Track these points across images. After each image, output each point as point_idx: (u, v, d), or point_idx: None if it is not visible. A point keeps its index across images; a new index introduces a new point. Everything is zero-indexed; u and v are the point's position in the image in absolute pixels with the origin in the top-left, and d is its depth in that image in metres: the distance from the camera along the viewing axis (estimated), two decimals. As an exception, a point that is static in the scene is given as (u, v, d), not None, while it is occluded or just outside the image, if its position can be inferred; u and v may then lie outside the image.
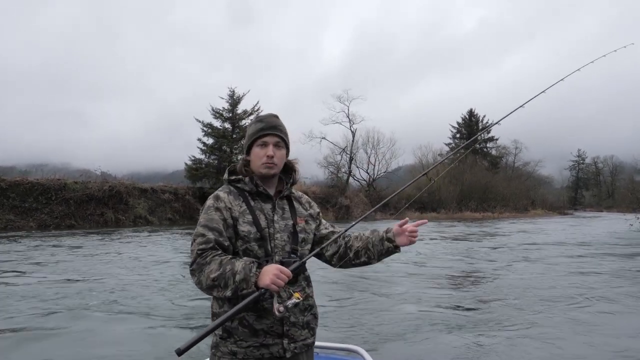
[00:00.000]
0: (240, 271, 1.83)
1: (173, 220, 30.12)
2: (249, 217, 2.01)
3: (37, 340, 5.69)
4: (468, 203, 46.66)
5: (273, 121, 2.14)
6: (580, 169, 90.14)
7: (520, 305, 7.47)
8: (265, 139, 2.09)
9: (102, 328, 6.15)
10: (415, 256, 13.88)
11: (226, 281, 1.84)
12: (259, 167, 2.08)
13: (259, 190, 2.08)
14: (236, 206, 2.03)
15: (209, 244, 1.93)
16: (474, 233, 24.29)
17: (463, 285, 9.49)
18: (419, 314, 6.99)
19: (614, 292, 8.60)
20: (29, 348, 5.41)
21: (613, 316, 6.90)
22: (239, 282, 1.82)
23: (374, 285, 9.42)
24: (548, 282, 9.52)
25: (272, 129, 2.10)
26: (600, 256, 14.14)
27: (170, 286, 8.98)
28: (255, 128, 2.13)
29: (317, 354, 2.88)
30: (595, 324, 6.46)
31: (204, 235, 1.95)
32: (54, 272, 10.53)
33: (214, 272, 1.85)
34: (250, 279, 1.82)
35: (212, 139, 36.51)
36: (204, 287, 1.90)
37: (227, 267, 1.85)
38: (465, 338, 5.76)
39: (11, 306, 7.27)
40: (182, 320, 6.61)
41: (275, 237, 2.02)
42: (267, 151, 2.07)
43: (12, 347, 5.42)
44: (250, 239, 1.98)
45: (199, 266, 1.91)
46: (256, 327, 1.93)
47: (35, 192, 26.18)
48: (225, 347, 1.96)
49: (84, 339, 5.69)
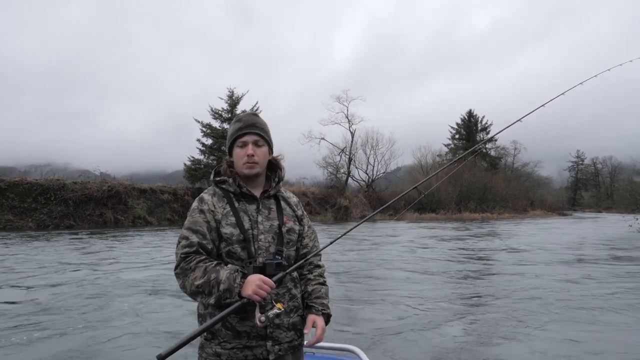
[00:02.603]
0: (225, 281, 1.84)
1: (172, 220, 30.10)
2: (232, 219, 2.00)
3: (33, 341, 5.69)
4: (467, 204, 46.66)
5: (251, 119, 2.12)
6: (579, 170, 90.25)
7: (519, 307, 7.48)
8: (244, 139, 2.08)
9: (98, 328, 6.15)
10: (414, 256, 13.88)
11: (210, 289, 1.85)
12: (241, 168, 2.08)
13: (243, 191, 2.07)
14: (219, 208, 2.02)
15: (193, 248, 1.93)
16: (473, 234, 24.29)
17: (461, 285, 9.50)
18: (417, 313, 6.99)
19: (612, 294, 8.61)
20: (26, 349, 5.42)
21: (614, 317, 6.91)
22: (223, 291, 1.83)
23: (370, 284, 9.42)
24: (548, 284, 9.52)
25: (250, 127, 2.09)
26: (599, 257, 14.14)
27: (164, 286, 8.98)
28: (233, 128, 2.12)
29: (313, 353, 2.89)
30: (594, 324, 6.47)
31: (188, 238, 1.96)
32: (52, 271, 10.52)
33: (198, 279, 1.86)
34: (234, 290, 1.83)
35: (211, 140, 36.55)
36: (188, 292, 1.92)
37: (212, 275, 1.85)
38: (463, 338, 5.77)
39: (10, 305, 7.27)
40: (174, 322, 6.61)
41: (259, 239, 2.00)
42: (247, 150, 2.06)
43: (15, 346, 5.43)
44: (233, 241, 1.97)
45: (183, 271, 1.91)
46: (239, 329, 1.94)
47: (34, 192, 26.16)
48: (210, 349, 1.97)
49: (78, 339, 5.70)
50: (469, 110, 64.69)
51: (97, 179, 29.32)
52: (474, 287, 9.31)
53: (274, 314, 1.85)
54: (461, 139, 64.21)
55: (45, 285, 8.98)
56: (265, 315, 1.84)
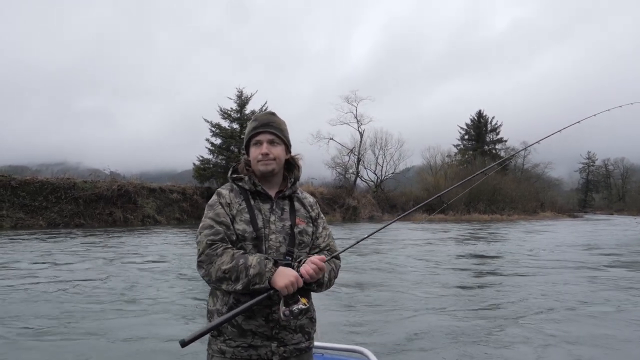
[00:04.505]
0: (255, 265, 1.83)
1: (181, 219, 30.25)
2: (246, 216, 2.00)
3: (50, 335, 5.73)
4: (476, 205, 46.35)
5: (266, 118, 2.13)
6: (590, 172, 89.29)
7: (531, 312, 7.41)
8: (259, 137, 2.09)
9: (112, 322, 6.19)
10: (423, 259, 13.82)
11: (238, 274, 1.83)
12: (257, 166, 2.09)
13: (258, 189, 2.07)
14: (235, 204, 2.03)
15: (218, 235, 1.93)
16: (482, 235, 24.14)
17: (472, 288, 9.43)
18: (426, 315, 6.95)
19: (625, 299, 8.51)
20: (41, 344, 5.46)
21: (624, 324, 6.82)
22: (253, 276, 1.82)
23: (380, 285, 9.39)
24: (561, 288, 9.43)
25: (265, 127, 2.10)
26: (611, 261, 13.99)
27: (179, 282, 9.01)
28: (250, 127, 2.14)
29: (321, 354, 2.87)
30: (603, 328, 6.40)
31: (213, 227, 1.95)
32: (62, 269, 10.61)
33: (225, 264, 1.84)
34: (265, 274, 1.82)
35: (220, 139, 36.65)
36: (213, 279, 1.88)
37: (240, 260, 1.85)
38: (474, 342, 5.72)
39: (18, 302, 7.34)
40: (190, 316, 6.63)
41: (270, 238, 1.99)
42: (262, 149, 2.07)
43: (23, 343, 5.47)
44: (245, 238, 1.97)
45: (208, 257, 1.89)
46: (244, 327, 1.92)
47: (45, 191, 26.42)
48: (216, 345, 1.97)
49: (94, 334, 5.73)
50: (479, 111, 64.23)
51: (107, 178, 29.54)
52: (487, 290, 9.24)
53: (299, 308, 1.83)
54: (470, 140, 63.80)
55: (56, 279, 9.05)
56: (290, 309, 1.82)
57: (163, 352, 5.24)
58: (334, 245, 2.19)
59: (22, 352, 5.25)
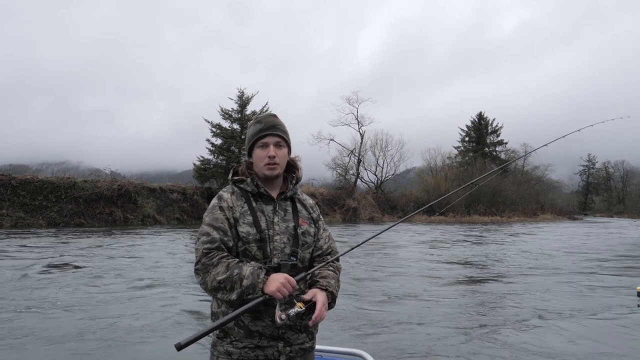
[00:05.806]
0: (248, 276, 1.84)
1: (181, 219, 30.26)
2: (249, 218, 2.00)
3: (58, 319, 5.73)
4: (477, 207, 46.36)
5: (272, 121, 2.12)
6: (590, 174, 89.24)
7: (534, 315, 7.39)
8: (266, 140, 2.08)
9: (108, 325, 6.18)
10: (425, 261, 13.81)
11: (232, 285, 1.84)
12: (262, 169, 2.08)
13: (260, 191, 2.07)
14: (238, 207, 2.03)
15: (214, 244, 1.93)
16: (483, 237, 24.13)
17: (472, 292, 9.42)
18: (425, 318, 6.94)
19: (623, 303, 8.49)
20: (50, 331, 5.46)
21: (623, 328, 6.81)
22: (246, 287, 1.83)
23: (380, 288, 9.38)
24: (563, 289, 9.42)
25: (272, 129, 2.09)
26: (610, 263, 13.98)
27: (179, 282, 9.01)
28: (254, 129, 2.12)
29: (320, 357, 2.86)
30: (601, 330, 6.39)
31: (209, 234, 1.95)
32: (68, 266, 10.61)
33: (220, 275, 1.86)
34: (257, 285, 1.83)
35: (221, 140, 36.68)
36: (209, 288, 1.90)
37: (235, 270, 1.85)
38: (474, 346, 5.70)
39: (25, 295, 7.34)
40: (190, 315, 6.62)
41: (274, 239, 2.00)
42: (269, 152, 2.06)
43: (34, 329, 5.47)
44: (249, 240, 1.97)
45: (204, 266, 1.90)
46: (251, 328, 1.93)
47: (45, 190, 26.44)
48: (222, 347, 1.97)
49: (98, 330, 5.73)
50: (479, 113, 64.21)
51: (107, 178, 29.57)
52: (489, 293, 9.23)
53: (295, 312, 1.84)
54: (471, 142, 63.79)
55: (60, 279, 9.05)
56: (286, 313, 1.82)
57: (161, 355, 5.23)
58: (335, 247, 2.22)
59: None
